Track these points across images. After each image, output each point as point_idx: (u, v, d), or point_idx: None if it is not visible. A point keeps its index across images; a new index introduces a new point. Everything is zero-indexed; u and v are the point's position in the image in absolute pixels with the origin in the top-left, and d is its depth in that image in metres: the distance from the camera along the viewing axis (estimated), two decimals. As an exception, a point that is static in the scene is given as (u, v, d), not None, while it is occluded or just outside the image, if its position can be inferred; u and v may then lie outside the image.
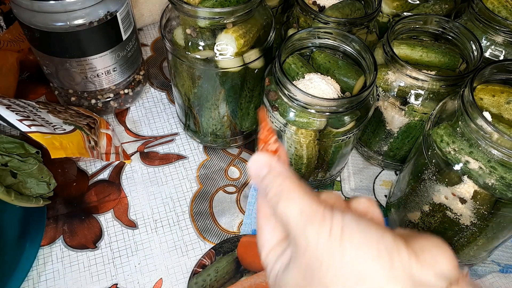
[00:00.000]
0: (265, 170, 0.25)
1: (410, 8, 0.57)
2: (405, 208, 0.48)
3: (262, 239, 0.26)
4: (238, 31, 0.45)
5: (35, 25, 0.48)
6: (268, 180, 0.24)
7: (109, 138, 0.57)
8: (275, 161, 0.25)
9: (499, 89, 0.40)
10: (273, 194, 0.23)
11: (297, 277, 0.22)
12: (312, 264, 0.21)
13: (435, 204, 0.43)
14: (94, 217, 0.52)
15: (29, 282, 0.46)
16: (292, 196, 0.23)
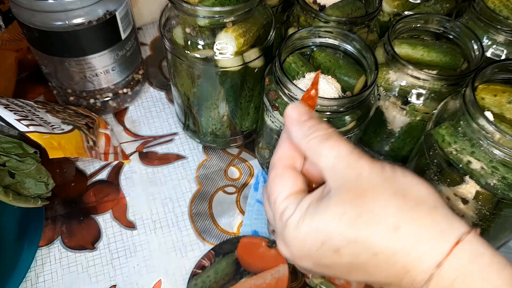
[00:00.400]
0: (306, 116, 0.27)
1: (411, 7, 0.57)
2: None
3: (280, 185, 0.26)
4: (238, 30, 0.44)
5: (34, 25, 0.47)
6: (312, 123, 0.26)
7: (107, 138, 0.56)
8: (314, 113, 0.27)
9: (501, 88, 0.40)
10: (321, 133, 0.25)
11: (343, 205, 0.23)
12: (364, 189, 0.23)
13: (437, 205, 0.42)
14: (93, 218, 0.51)
15: (27, 283, 0.46)
16: (342, 138, 0.25)
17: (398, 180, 0.24)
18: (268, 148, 0.52)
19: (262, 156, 0.56)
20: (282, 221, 0.26)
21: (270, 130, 0.49)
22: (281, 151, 0.28)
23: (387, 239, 0.23)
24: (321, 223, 0.24)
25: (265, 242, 0.48)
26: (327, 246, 0.24)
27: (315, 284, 0.45)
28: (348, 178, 0.24)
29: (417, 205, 0.23)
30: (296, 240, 0.25)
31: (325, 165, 0.25)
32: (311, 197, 0.25)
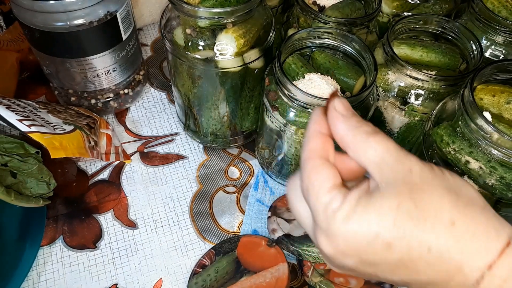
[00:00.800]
0: (351, 111, 0.27)
1: (410, 8, 0.57)
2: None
3: (320, 177, 0.25)
4: (238, 31, 0.44)
5: (35, 25, 0.48)
6: (358, 119, 0.26)
7: (109, 138, 0.57)
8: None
9: (499, 89, 0.40)
10: (368, 129, 0.25)
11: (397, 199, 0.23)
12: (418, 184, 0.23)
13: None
14: (94, 217, 0.52)
15: (29, 282, 0.46)
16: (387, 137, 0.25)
17: (448, 178, 0.24)
18: (268, 148, 0.53)
19: (262, 156, 0.56)
20: (327, 214, 0.24)
21: (270, 130, 0.49)
22: (313, 143, 0.27)
23: (443, 234, 0.22)
24: (375, 216, 0.23)
25: (265, 241, 0.48)
26: (379, 240, 0.23)
27: (315, 283, 0.45)
28: (400, 172, 0.24)
29: (469, 203, 0.23)
30: (345, 233, 0.24)
31: (372, 159, 0.24)
32: (359, 190, 0.25)
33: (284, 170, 0.53)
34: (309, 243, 0.46)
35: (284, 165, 0.52)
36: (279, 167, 0.53)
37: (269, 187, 0.55)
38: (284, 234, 0.47)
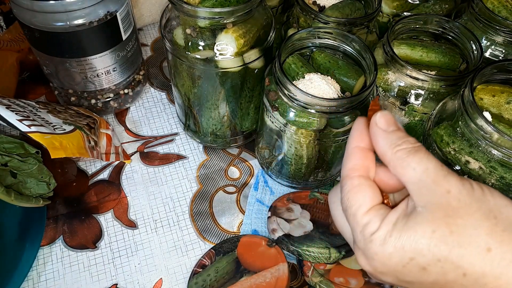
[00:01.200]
0: (394, 126, 0.26)
1: (410, 8, 0.57)
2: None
3: (359, 198, 0.26)
4: (238, 31, 0.44)
5: (35, 25, 0.48)
6: (400, 135, 0.26)
7: (109, 138, 0.57)
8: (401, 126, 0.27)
9: (499, 89, 0.40)
10: (410, 146, 0.25)
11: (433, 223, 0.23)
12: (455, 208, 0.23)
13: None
14: (94, 217, 0.52)
15: (29, 282, 0.46)
16: (430, 154, 0.25)
17: (488, 200, 0.24)
18: (268, 148, 0.53)
19: (262, 156, 0.56)
20: (364, 235, 0.25)
21: (270, 130, 0.49)
22: (353, 161, 0.27)
23: (479, 260, 0.23)
24: (411, 239, 0.24)
25: (265, 241, 0.48)
26: (414, 263, 0.24)
27: (315, 283, 0.45)
28: (437, 194, 0.24)
29: (508, 228, 0.23)
30: (381, 255, 0.25)
31: (411, 178, 0.25)
32: (397, 212, 0.25)
33: (284, 170, 0.53)
34: (309, 243, 0.46)
35: (284, 165, 0.52)
36: (279, 167, 0.53)
37: (269, 187, 0.55)
38: (284, 234, 0.47)
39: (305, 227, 0.48)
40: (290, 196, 0.52)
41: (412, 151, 0.25)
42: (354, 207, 0.26)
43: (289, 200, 0.52)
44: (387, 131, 0.26)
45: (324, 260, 0.46)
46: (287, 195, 0.52)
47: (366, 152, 0.27)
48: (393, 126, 0.26)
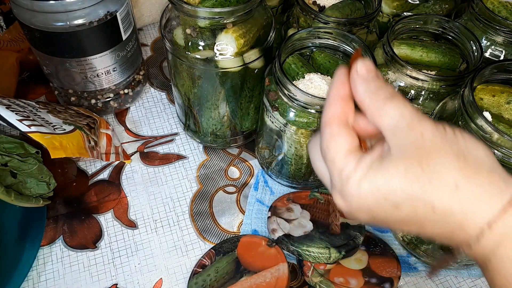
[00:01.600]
0: (373, 73, 0.27)
1: (410, 8, 0.57)
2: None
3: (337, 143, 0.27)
4: (238, 31, 0.44)
5: (35, 25, 0.48)
6: (379, 83, 0.27)
7: (109, 138, 0.57)
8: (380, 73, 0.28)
9: (499, 89, 0.40)
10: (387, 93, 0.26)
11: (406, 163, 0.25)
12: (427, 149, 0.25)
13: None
14: (94, 217, 0.52)
15: (29, 282, 0.46)
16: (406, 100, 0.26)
17: (459, 142, 0.25)
18: (268, 148, 0.53)
19: (262, 156, 0.56)
20: (342, 178, 0.27)
21: (270, 130, 0.49)
22: (333, 108, 0.28)
23: (447, 196, 0.24)
24: (384, 180, 0.25)
25: (265, 241, 0.48)
26: (388, 201, 0.25)
27: (315, 283, 0.45)
28: (411, 137, 0.25)
29: (476, 167, 0.25)
30: (357, 196, 0.26)
31: (387, 124, 0.26)
32: (372, 155, 0.27)
33: (284, 170, 0.53)
34: (309, 243, 0.46)
35: (284, 165, 0.52)
36: (279, 167, 0.53)
37: (269, 187, 0.55)
38: (284, 234, 0.47)
39: (305, 227, 0.48)
40: (290, 196, 0.52)
41: (389, 98, 0.26)
42: (333, 152, 0.27)
43: (289, 200, 0.52)
44: (367, 79, 0.27)
45: (324, 260, 0.46)
46: (287, 195, 0.52)
47: (346, 100, 0.28)
48: (373, 74, 0.27)
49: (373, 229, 0.52)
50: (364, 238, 0.48)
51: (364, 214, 0.27)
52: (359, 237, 0.47)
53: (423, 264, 0.49)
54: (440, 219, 0.25)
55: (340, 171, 0.27)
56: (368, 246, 0.49)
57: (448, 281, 0.49)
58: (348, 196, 0.27)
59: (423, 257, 0.49)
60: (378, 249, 0.48)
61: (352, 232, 0.48)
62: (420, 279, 0.49)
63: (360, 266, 0.47)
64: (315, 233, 0.47)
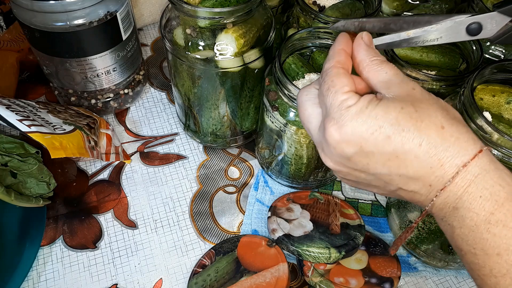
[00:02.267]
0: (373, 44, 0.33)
1: (410, 8, 0.57)
2: (405, 208, 0.48)
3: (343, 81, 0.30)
4: (238, 31, 0.44)
5: (35, 25, 0.48)
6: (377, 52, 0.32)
7: (109, 138, 0.57)
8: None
9: (499, 89, 0.40)
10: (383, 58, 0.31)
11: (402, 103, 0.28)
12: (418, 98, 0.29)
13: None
14: (94, 217, 0.52)
15: (29, 282, 0.46)
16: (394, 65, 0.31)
17: (440, 99, 0.30)
18: (268, 148, 0.53)
19: (262, 156, 0.56)
20: (341, 107, 0.29)
21: (270, 130, 0.49)
22: (339, 57, 0.32)
23: (433, 133, 0.28)
24: (383, 111, 0.28)
25: (265, 241, 0.48)
26: (382, 130, 0.28)
27: (315, 283, 0.45)
28: (404, 90, 0.29)
29: (455, 119, 0.29)
30: (355, 122, 0.28)
31: (382, 78, 0.30)
32: (370, 95, 0.30)
33: (284, 170, 0.53)
34: (309, 243, 0.46)
35: (284, 165, 0.52)
36: (279, 167, 0.53)
37: (269, 187, 0.55)
38: (284, 234, 0.47)
39: (305, 227, 0.48)
40: (290, 196, 0.52)
41: (385, 62, 0.31)
42: (338, 86, 0.30)
43: (289, 200, 0.52)
44: (369, 44, 0.32)
45: (324, 260, 0.46)
46: (287, 195, 0.52)
47: (348, 55, 0.32)
48: (373, 44, 0.33)
49: (373, 229, 0.52)
50: (364, 238, 0.48)
51: (353, 145, 0.29)
52: (359, 237, 0.47)
53: (423, 264, 0.49)
54: (424, 154, 0.28)
55: (342, 101, 0.29)
56: (368, 246, 0.49)
57: (448, 281, 0.49)
58: (345, 122, 0.29)
59: (423, 257, 0.49)
60: (378, 249, 0.48)
61: (352, 232, 0.48)
62: (420, 279, 0.49)
63: (360, 266, 0.47)
64: (315, 233, 0.47)
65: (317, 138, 0.32)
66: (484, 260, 0.27)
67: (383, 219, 0.53)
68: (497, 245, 0.27)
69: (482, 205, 0.27)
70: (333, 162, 0.31)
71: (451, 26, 0.32)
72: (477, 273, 0.28)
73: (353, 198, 0.55)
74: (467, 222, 0.28)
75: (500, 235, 0.27)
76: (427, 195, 0.29)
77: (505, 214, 0.27)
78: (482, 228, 0.27)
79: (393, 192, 0.31)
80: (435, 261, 0.48)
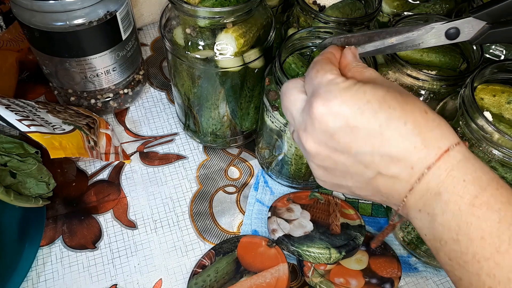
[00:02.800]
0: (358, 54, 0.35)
1: (411, 8, 0.57)
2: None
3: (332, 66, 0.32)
4: (238, 30, 0.44)
5: (35, 25, 0.47)
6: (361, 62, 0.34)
7: (108, 138, 0.56)
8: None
9: (500, 89, 0.40)
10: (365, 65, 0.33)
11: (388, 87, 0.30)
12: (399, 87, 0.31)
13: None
14: (94, 217, 0.52)
15: (28, 283, 0.46)
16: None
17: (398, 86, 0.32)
18: (268, 148, 0.53)
19: (262, 156, 0.56)
20: (330, 84, 0.30)
21: (270, 130, 0.49)
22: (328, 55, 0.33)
23: (418, 116, 0.28)
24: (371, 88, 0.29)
25: (265, 241, 0.48)
26: (370, 106, 0.28)
27: (315, 283, 0.45)
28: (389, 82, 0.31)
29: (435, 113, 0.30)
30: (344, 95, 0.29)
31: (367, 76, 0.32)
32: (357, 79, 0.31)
33: (284, 170, 0.53)
34: (309, 243, 0.46)
35: (284, 165, 0.52)
36: (279, 167, 0.53)
37: (269, 187, 0.55)
38: (284, 235, 0.47)
39: (305, 227, 0.48)
40: (290, 196, 0.52)
41: (370, 68, 0.33)
42: (327, 69, 0.31)
43: (289, 200, 0.52)
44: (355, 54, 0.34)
45: (324, 261, 0.45)
46: (287, 195, 0.52)
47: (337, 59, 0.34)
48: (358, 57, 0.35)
49: (374, 229, 0.52)
50: (364, 238, 0.47)
51: (339, 118, 0.29)
52: (359, 237, 0.47)
53: (424, 264, 0.49)
54: (408, 133, 0.28)
55: (331, 80, 0.30)
56: (369, 247, 0.48)
57: (448, 281, 0.49)
58: (332, 96, 0.29)
59: (424, 257, 0.49)
60: (378, 250, 0.48)
61: (352, 232, 0.48)
62: (420, 279, 0.49)
63: (361, 266, 0.47)
64: (315, 234, 0.47)
65: (299, 120, 0.32)
66: (467, 246, 0.27)
67: (383, 219, 0.53)
68: (482, 228, 0.26)
69: (466, 188, 0.27)
70: (314, 141, 0.31)
71: (431, 32, 0.34)
72: (457, 261, 0.28)
73: (353, 198, 0.55)
74: (450, 207, 0.27)
75: (485, 218, 0.26)
76: (408, 180, 0.29)
77: (489, 197, 0.27)
78: (467, 211, 0.27)
79: (370, 183, 0.30)
80: (435, 262, 0.48)
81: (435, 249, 0.29)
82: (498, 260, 0.26)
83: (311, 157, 0.32)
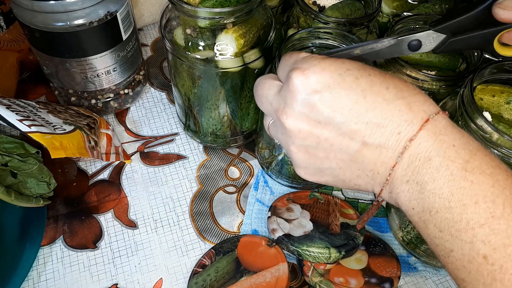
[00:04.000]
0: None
1: (410, 8, 0.57)
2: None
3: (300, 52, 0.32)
4: (238, 31, 0.45)
5: (35, 25, 0.48)
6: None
7: (109, 138, 0.57)
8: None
9: (499, 89, 0.40)
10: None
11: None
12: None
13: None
14: (94, 217, 0.52)
15: (29, 282, 0.46)
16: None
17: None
18: (268, 148, 0.53)
19: (262, 156, 0.56)
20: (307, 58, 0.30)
21: (270, 130, 0.49)
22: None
23: (399, 82, 0.28)
24: (348, 60, 0.29)
25: (265, 241, 0.48)
26: (350, 73, 0.28)
27: (315, 283, 0.45)
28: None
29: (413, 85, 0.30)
30: (322, 63, 0.28)
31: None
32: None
33: (284, 170, 0.53)
34: (309, 243, 0.46)
35: (284, 165, 0.52)
36: (279, 167, 0.53)
37: (269, 187, 0.55)
38: (284, 234, 0.47)
39: (305, 227, 0.48)
40: (290, 196, 0.52)
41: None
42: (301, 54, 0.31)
43: (289, 200, 0.52)
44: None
45: (324, 260, 0.46)
46: (287, 195, 0.53)
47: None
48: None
49: (373, 229, 0.52)
50: (364, 238, 0.48)
51: (321, 84, 0.28)
52: (359, 237, 0.47)
53: (423, 264, 0.49)
54: (391, 97, 0.27)
55: (307, 55, 0.30)
56: (368, 246, 0.49)
57: (448, 281, 0.49)
58: (312, 65, 0.28)
59: (423, 257, 0.49)
60: (378, 249, 0.48)
61: (352, 232, 0.48)
62: (420, 279, 0.49)
63: (360, 266, 0.47)
64: (315, 233, 0.48)
65: (277, 101, 0.31)
66: (460, 212, 0.25)
67: (383, 219, 0.53)
68: (475, 193, 0.25)
69: (458, 152, 0.26)
70: (294, 117, 0.29)
71: (395, 43, 0.35)
72: (449, 231, 0.26)
73: (353, 198, 0.55)
74: (442, 173, 0.26)
75: (478, 182, 0.25)
76: (395, 148, 0.27)
77: (480, 162, 0.26)
78: (459, 176, 0.26)
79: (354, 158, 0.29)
80: (435, 261, 0.48)
81: (423, 222, 0.28)
82: (493, 225, 0.25)
83: (291, 138, 0.30)
